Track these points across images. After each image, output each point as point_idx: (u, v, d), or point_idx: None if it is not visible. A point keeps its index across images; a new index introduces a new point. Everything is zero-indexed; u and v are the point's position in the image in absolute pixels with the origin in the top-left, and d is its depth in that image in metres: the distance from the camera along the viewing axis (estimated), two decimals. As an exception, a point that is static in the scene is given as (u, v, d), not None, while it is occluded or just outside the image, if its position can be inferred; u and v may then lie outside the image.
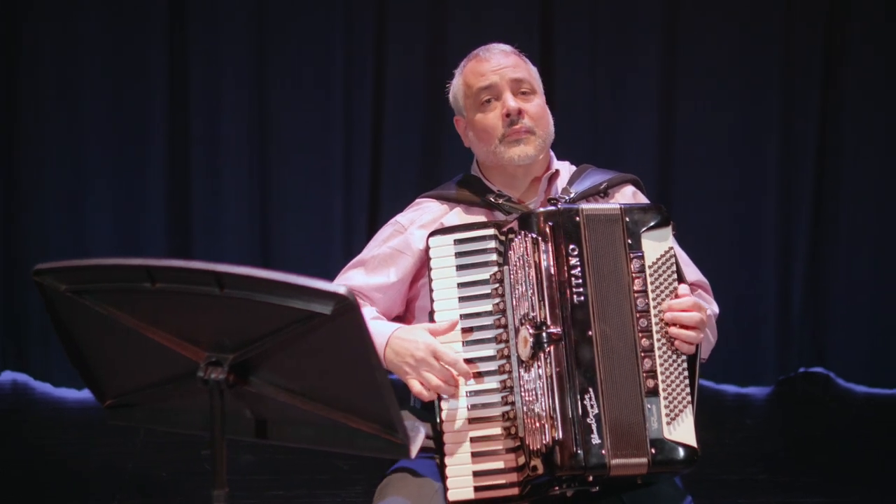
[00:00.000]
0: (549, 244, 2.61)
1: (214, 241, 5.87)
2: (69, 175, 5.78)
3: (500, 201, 2.86)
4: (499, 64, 2.87)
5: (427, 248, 2.74)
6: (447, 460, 2.62)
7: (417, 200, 2.98)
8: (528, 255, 2.61)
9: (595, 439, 2.51)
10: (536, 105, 2.87)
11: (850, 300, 6.10)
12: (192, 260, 1.91)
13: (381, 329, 2.70)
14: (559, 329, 2.56)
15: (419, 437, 2.00)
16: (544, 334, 2.56)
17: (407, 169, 5.78)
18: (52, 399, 5.69)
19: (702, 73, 5.95)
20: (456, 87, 2.94)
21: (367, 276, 2.89)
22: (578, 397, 2.53)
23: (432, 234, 2.76)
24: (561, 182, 2.94)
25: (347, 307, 1.83)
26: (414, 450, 1.98)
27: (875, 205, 6.04)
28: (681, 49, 5.94)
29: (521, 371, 2.59)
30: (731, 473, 4.82)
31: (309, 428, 2.02)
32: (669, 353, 2.61)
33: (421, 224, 2.90)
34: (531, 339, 2.57)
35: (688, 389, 2.61)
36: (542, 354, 2.55)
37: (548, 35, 5.89)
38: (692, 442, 2.57)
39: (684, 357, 2.63)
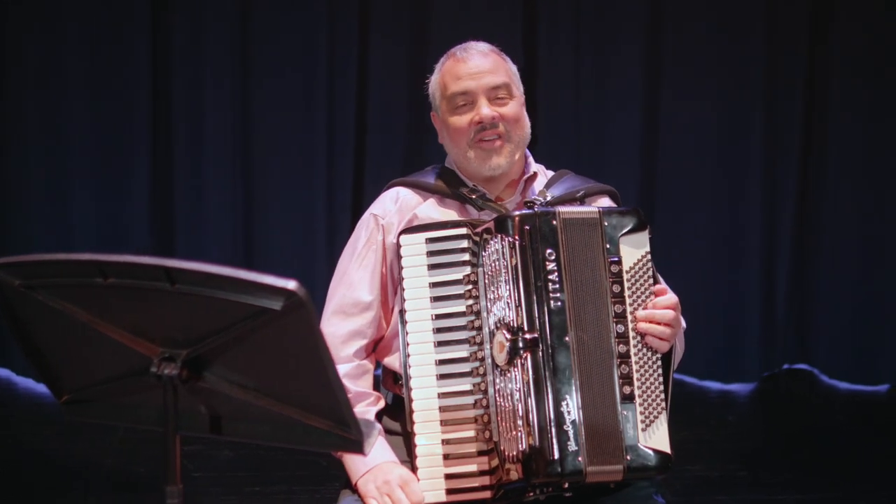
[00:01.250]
0: (526, 248, 2.58)
1: (197, 239, 5.86)
2: (52, 173, 5.78)
3: (474, 196, 2.83)
4: (477, 67, 2.81)
5: (398, 247, 2.73)
6: (419, 462, 2.60)
7: (391, 187, 2.94)
8: (503, 258, 2.59)
9: (571, 446, 2.50)
10: (512, 109, 2.82)
11: (835, 297, 6.10)
12: (175, 258, 1.91)
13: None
14: (536, 335, 2.54)
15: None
16: (521, 340, 2.54)
17: (389, 168, 5.72)
18: (34, 394, 5.67)
19: (685, 73, 5.94)
20: (434, 85, 2.90)
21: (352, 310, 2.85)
22: (555, 404, 2.51)
23: (403, 232, 2.74)
24: (538, 185, 2.91)
25: (297, 303, 1.82)
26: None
27: (859, 203, 6.04)
28: (665, 49, 5.93)
29: (497, 375, 2.58)
30: (712, 470, 4.82)
31: (264, 424, 2.01)
32: (646, 359, 2.60)
33: (396, 211, 2.87)
34: (507, 345, 2.55)
35: (662, 395, 2.60)
36: (518, 360, 2.54)
37: (531, 34, 5.88)
38: (666, 448, 2.57)
39: (660, 363, 2.61)
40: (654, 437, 2.57)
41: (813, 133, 6.02)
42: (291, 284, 1.81)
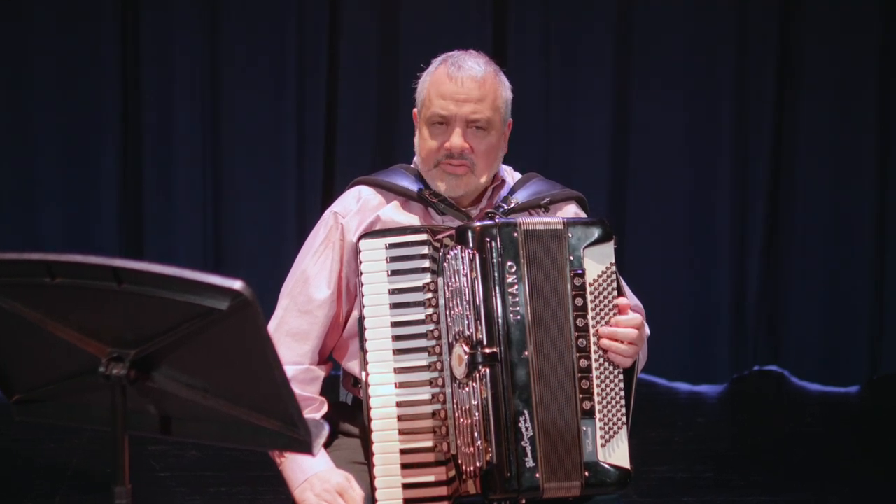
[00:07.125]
0: (486, 261, 2.56)
1: (166, 241, 5.84)
2: (18, 174, 5.75)
3: (436, 200, 2.79)
4: (465, 94, 2.70)
5: (357, 252, 2.70)
6: (376, 471, 2.59)
7: (355, 185, 2.91)
8: (463, 270, 2.57)
9: (529, 462, 2.50)
10: (485, 143, 2.73)
11: (805, 298, 6.10)
12: (143, 259, 1.91)
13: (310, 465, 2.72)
14: (494, 349, 2.53)
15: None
16: (479, 355, 2.53)
17: (359, 170, 5.71)
18: (-1, 394, 5.64)
19: (656, 71, 5.94)
20: (421, 87, 2.81)
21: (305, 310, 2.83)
22: (513, 419, 2.51)
23: (363, 236, 2.70)
24: (505, 191, 2.86)
25: (243, 303, 1.82)
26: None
27: (830, 203, 6.04)
28: (635, 47, 5.93)
29: (455, 388, 2.56)
30: (678, 471, 4.82)
31: (213, 424, 2.02)
32: (607, 373, 2.59)
33: (357, 211, 2.83)
34: (466, 358, 2.54)
35: (623, 410, 2.60)
36: (476, 374, 2.52)
37: (500, 34, 5.87)
38: (626, 464, 2.57)
39: (621, 377, 2.60)
40: (614, 453, 2.57)
41: (783, 134, 6.03)
42: (237, 284, 1.82)
